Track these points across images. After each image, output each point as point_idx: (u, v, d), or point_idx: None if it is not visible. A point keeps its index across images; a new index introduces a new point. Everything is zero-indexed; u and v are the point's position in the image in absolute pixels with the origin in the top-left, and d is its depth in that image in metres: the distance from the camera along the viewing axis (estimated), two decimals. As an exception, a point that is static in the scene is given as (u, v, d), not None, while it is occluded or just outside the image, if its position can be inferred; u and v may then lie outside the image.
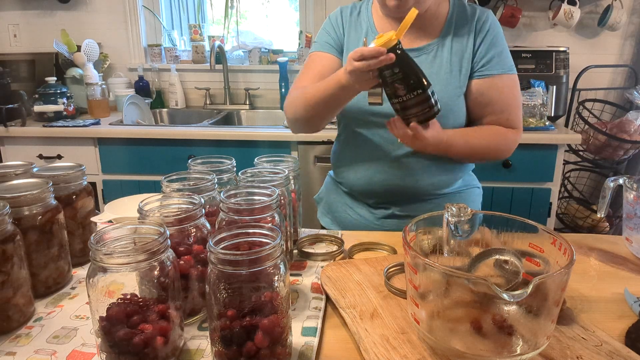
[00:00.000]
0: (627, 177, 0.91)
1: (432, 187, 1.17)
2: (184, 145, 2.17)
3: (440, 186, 1.18)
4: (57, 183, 0.83)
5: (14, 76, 2.62)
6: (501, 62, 1.13)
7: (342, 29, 1.22)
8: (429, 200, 1.19)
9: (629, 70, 2.57)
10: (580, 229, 2.48)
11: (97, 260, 0.56)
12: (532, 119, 2.15)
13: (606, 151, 2.34)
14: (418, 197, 1.18)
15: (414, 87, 0.90)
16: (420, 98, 0.90)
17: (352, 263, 0.86)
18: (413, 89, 0.90)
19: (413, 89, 0.90)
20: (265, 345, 0.56)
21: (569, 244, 0.59)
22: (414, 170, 1.14)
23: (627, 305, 0.76)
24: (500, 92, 1.12)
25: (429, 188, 1.17)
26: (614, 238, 1.03)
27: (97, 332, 0.58)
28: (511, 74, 1.14)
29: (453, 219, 0.70)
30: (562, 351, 0.62)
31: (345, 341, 0.68)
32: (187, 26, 2.92)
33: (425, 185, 1.16)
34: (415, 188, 1.16)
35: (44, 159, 2.28)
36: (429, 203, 1.19)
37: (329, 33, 1.22)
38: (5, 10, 2.76)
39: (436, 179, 1.16)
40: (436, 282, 0.60)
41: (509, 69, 1.14)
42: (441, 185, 1.18)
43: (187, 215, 0.68)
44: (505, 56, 1.14)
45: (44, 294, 0.79)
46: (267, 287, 0.57)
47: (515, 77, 1.15)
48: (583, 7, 2.46)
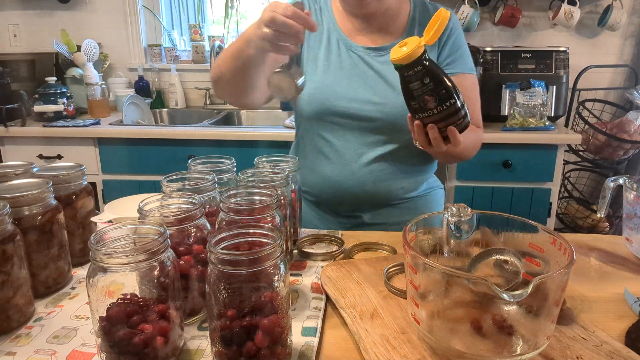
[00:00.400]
0: (627, 177, 0.91)
1: (402, 191, 1.16)
2: (184, 145, 2.17)
3: (409, 189, 1.18)
4: (57, 183, 0.83)
5: (14, 76, 2.62)
6: (464, 62, 1.13)
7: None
8: (397, 205, 1.18)
9: (629, 70, 2.57)
10: (580, 229, 2.48)
11: (97, 260, 0.56)
12: (532, 119, 2.15)
13: (606, 151, 2.34)
14: (388, 202, 1.17)
15: (445, 98, 0.80)
16: (452, 109, 0.81)
17: (352, 263, 0.86)
18: (445, 100, 0.80)
19: (445, 100, 0.80)
20: (265, 345, 0.56)
21: (569, 244, 0.59)
22: (384, 175, 1.13)
23: (627, 305, 0.76)
24: (465, 90, 1.10)
25: (399, 192, 1.16)
26: (614, 238, 1.03)
27: (97, 332, 0.58)
28: (473, 74, 1.15)
29: (453, 219, 0.70)
30: (562, 351, 0.62)
31: (345, 341, 0.68)
32: (187, 26, 2.92)
33: (396, 190, 1.15)
34: (386, 193, 1.15)
35: (44, 159, 2.28)
36: (398, 208, 1.18)
37: None
38: (5, 10, 2.76)
39: (405, 183, 1.16)
40: (436, 282, 0.60)
41: (471, 69, 1.14)
42: (410, 188, 1.17)
43: (187, 215, 0.68)
44: (467, 56, 1.14)
45: (44, 294, 0.79)
46: (267, 287, 0.57)
47: (475, 77, 1.16)
48: (583, 7, 2.46)
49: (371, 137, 1.12)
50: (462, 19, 2.41)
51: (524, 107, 2.17)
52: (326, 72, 1.12)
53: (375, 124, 1.10)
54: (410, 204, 1.19)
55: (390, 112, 1.09)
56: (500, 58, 2.28)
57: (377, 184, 1.13)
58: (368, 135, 1.12)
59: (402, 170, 1.14)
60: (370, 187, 1.13)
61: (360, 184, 1.12)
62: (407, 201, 1.19)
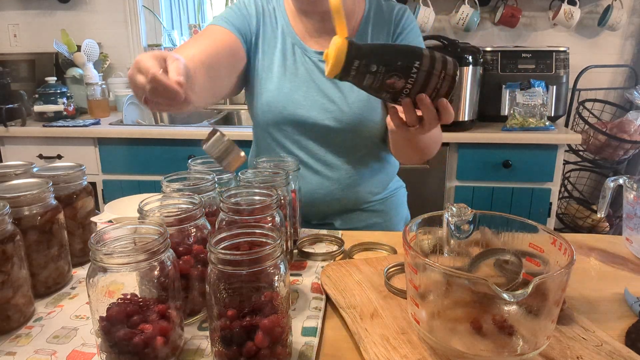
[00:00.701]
0: (627, 177, 0.91)
1: (370, 194, 1.16)
2: (184, 145, 2.16)
3: (377, 192, 1.18)
4: (57, 183, 0.83)
5: (14, 76, 2.62)
6: None
7: (255, 21, 1.09)
8: (367, 209, 1.18)
9: (629, 70, 2.57)
10: (580, 229, 2.48)
11: (97, 260, 0.56)
12: (532, 119, 2.15)
13: (606, 151, 2.34)
14: (357, 207, 1.17)
15: (406, 67, 0.67)
16: (424, 71, 0.68)
17: (352, 263, 0.86)
18: (409, 69, 0.67)
19: (408, 68, 0.67)
20: (265, 345, 0.56)
21: (569, 244, 0.59)
22: (352, 181, 1.12)
23: (627, 305, 0.76)
24: None
25: (368, 196, 1.16)
26: (614, 238, 1.03)
27: (97, 332, 0.58)
28: None
29: (453, 219, 0.70)
30: (562, 351, 0.62)
31: (345, 341, 0.68)
32: (187, 26, 2.91)
33: (364, 195, 1.15)
34: (355, 199, 1.14)
35: (44, 159, 2.28)
36: (367, 212, 1.18)
37: (239, 17, 1.07)
38: (5, 10, 2.76)
39: (372, 187, 1.16)
40: (436, 282, 0.60)
41: None
42: (377, 191, 1.18)
43: (187, 215, 0.68)
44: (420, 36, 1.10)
45: (44, 294, 0.79)
46: (267, 287, 0.57)
47: None
48: (583, 7, 2.46)
49: (333, 145, 1.10)
50: (462, 19, 2.42)
51: (524, 107, 2.17)
52: (282, 79, 1.09)
53: (335, 132, 1.09)
54: (378, 206, 1.20)
55: (349, 119, 1.07)
56: (500, 58, 2.28)
57: (345, 190, 1.13)
58: (330, 143, 1.10)
59: (368, 174, 1.14)
60: (339, 194, 1.13)
61: (329, 193, 1.12)
62: (375, 203, 1.19)
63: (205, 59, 0.94)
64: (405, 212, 1.29)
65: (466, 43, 2.22)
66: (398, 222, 1.24)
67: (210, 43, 0.98)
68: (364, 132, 1.09)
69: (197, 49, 0.94)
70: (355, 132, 1.09)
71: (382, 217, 1.21)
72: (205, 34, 1.03)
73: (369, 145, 1.13)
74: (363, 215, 1.18)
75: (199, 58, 0.93)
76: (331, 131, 1.09)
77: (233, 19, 1.06)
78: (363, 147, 1.12)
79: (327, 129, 1.08)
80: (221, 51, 0.98)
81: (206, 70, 0.92)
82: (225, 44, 1.01)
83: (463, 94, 2.11)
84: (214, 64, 0.95)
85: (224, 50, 1.00)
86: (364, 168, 1.13)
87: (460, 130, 2.14)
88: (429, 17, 2.39)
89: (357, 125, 1.07)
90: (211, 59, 0.95)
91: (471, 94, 2.13)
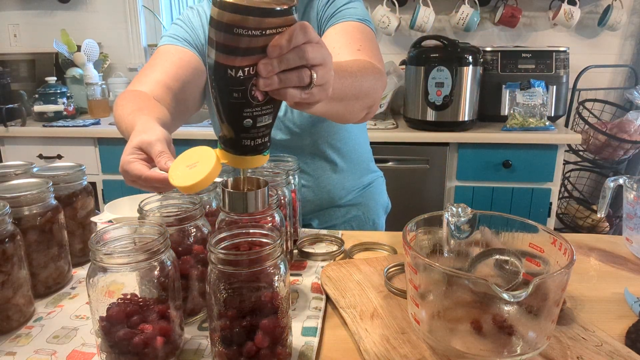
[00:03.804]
0: (627, 177, 0.91)
1: (345, 191, 1.17)
2: (184, 145, 2.15)
3: (351, 187, 1.18)
4: (57, 183, 0.83)
5: (14, 76, 2.62)
6: (342, 13, 0.99)
7: (202, 32, 1.06)
8: (343, 205, 1.19)
9: (629, 70, 2.57)
10: (580, 229, 2.48)
11: (97, 260, 0.56)
12: (532, 119, 2.15)
13: (606, 151, 2.34)
14: (333, 204, 1.17)
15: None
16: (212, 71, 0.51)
17: (352, 263, 0.86)
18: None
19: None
20: (265, 346, 0.56)
21: (569, 244, 0.59)
22: (322, 181, 1.13)
23: (627, 305, 0.76)
24: (342, 35, 0.95)
25: (342, 193, 1.17)
26: (614, 238, 1.03)
27: (97, 332, 0.58)
28: (356, 22, 0.97)
29: (453, 219, 0.70)
30: (562, 351, 0.62)
31: (345, 341, 0.68)
32: (187, 26, 2.91)
33: (338, 191, 1.16)
34: (328, 198, 1.15)
35: (44, 159, 2.28)
36: (344, 207, 1.19)
37: (187, 32, 1.04)
38: (5, 10, 2.76)
39: (345, 181, 1.16)
40: (436, 282, 0.60)
41: (354, 18, 0.98)
42: (351, 186, 1.18)
43: (187, 215, 0.68)
44: (351, 7, 1.00)
45: (44, 294, 0.79)
46: (267, 287, 0.57)
47: (362, 25, 0.97)
48: (583, 7, 2.46)
49: (294, 152, 1.10)
50: (462, 19, 2.41)
51: (524, 107, 2.17)
52: None
53: (292, 141, 1.10)
54: (355, 199, 1.20)
55: (301, 127, 1.08)
56: (500, 58, 2.28)
57: (316, 191, 1.14)
58: (290, 152, 1.09)
59: (338, 170, 1.15)
60: (311, 196, 1.14)
61: (302, 196, 1.12)
62: (352, 197, 1.19)
63: (170, 82, 0.94)
64: (385, 200, 1.29)
65: (466, 43, 2.22)
66: (378, 211, 1.25)
67: (170, 65, 0.97)
68: (319, 134, 1.10)
69: (160, 72, 0.94)
70: (311, 137, 1.10)
71: (360, 210, 1.21)
72: (162, 56, 1.00)
73: (328, 145, 1.13)
74: (340, 211, 1.18)
75: (164, 82, 0.92)
76: (288, 141, 1.10)
77: (182, 35, 1.04)
78: (325, 145, 1.12)
79: (284, 140, 1.10)
80: (184, 70, 0.97)
81: (174, 94, 0.92)
82: (184, 62, 0.99)
83: (463, 94, 2.11)
84: (179, 85, 0.95)
85: (186, 68, 0.98)
86: (331, 165, 1.14)
87: (460, 130, 2.14)
88: (429, 17, 2.39)
89: (310, 129, 1.08)
90: (175, 80, 0.95)
91: (471, 94, 2.13)
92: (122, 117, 0.82)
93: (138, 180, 0.65)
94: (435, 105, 2.12)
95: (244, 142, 0.55)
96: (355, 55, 0.90)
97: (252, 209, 0.61)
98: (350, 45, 0.92)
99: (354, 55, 0.90)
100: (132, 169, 0.64)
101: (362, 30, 0.96)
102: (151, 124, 0.71)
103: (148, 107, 0.83)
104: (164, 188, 0.65)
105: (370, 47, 0.94)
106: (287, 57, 0.49)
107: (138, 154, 0.66)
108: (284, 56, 0.49)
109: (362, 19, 0.98)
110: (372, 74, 0.83)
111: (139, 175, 0.64)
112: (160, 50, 1.02)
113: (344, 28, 0.96)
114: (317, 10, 1.03)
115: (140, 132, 0.69)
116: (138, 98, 0.87)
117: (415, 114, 2.19)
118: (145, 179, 0.64)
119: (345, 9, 1.00)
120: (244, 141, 0.55)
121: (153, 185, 0.64)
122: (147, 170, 0.64)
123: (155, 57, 1.00)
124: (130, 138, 0.68)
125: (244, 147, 0.55)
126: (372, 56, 0.91)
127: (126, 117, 0.80)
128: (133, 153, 0.66)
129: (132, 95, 0.88)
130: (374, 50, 0.94)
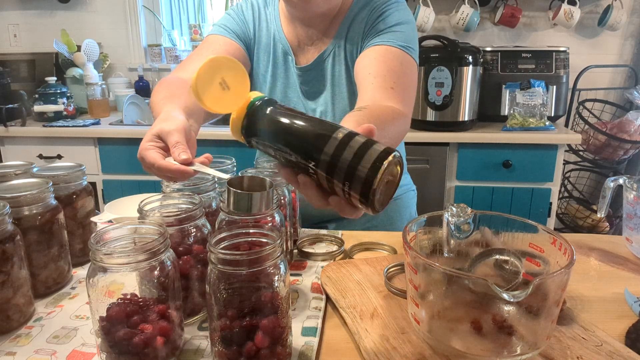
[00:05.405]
0: (627, 177, 0.91)
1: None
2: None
3: None
4: (57, 183, 0.83)
5: (14, 76, 2.62)
6: (387, 37, 0.95)
7: (252, 27, 1.07)
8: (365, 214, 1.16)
9: (629, 70, 2.57)
10: (580, 229, 2.48)
11: (97, 260, 0.56)
12: (532, 119, 2.15)
13: (606, 151, 2.34)
14: None
15: (301, 163, 0.52)
16: (325, 166, 0.49)
17: (352, 263, 0.86)
18: (304, 165, 0.51)
19: (302, 165, 0.51)
20: (265, 346, 0.56)
21: (569, 244, 0.59)
22: None
23: (627, 305, 0.76)
24: (377, 63, 0.92)
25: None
26: (614, 238, 1.03)
27: (97, 332, 0.58)
28: (396, 48, 0.94)
29: (453, 219, 0.70)
30: (562, 351, 0.62)
31: (345, 341, 0.68)
32: (187, 26, 2.91)
33: None
34: None
35: (44, 159, 2.28)
36: (363, 216, 1.13)
37: (237, 23, 1.06)
38: (5, 10, 2.76)
39: None
40: (436, 282, 0.60)
41: (394, 44, 0.95)
42: None
43: (187, 215, 0.68)
44: (398, 32, 0.96)
45: (44, 294, 0.78)
46: (267, 287, 0.57)
47: (402, 53, 0.94)
48: (583, 7, 2.46)
49: None
50: (462, 19, 2.42)
51: (524, 107, 2.17)
52: (272, 89, 1.08)
53: None
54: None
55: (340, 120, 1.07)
56: (500, 58, 2.28)
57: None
58: None
59: None
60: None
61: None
62: None
63: None
64: (413, 216, 1.23)
65: (466, 43, 2.22)
66: (399, 227, 1.19)
67: (214, 54, 0.98)
68: None
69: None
70: None
71: (381, 222, 1.17)
72: (208, 45, 1.02)
73: None
74: (361, 219, 1.15)
75: None
76: None
77: (232, 26, 1.05)
78: None
79: None
80: None
81: None
82: (230, 53, 1.00)
83: (463, 94, 2.11)
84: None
85: None
86: None
87: (460, 130, 2.14)
88: (429, 17, 2.39)
89: None
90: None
91: (471, 94, 2.13)
92: (154, 103, 0.86)
93: (152, 168, 0.67)
94: (435, 105, 2.12)
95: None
96: (387, 93, 0.88)
97: (256, 209, 0.62)
98: (385, 80, 0.90)
99: (386, 94, 0.88)
100: (148, 156, 0.67)
101: (402, 61, 0.94)
102: (174, 113, 0.73)
103: (180, 95, 0.84)
104: (176, 178, 0.67)
105: (403, 87, 0.92)
106: None
107: (156, 142, 0.69)
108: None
109: (405, 47, 0.96)
110: (399, 126, 0.83)
111: (152, 163, 0.66)
112: (208, 39, 1.03)
113: (384, 55, 0.93)
114: (367, 22, 1.01)
115: (161, 120, 0.72)
116: (173, 85, 0.89)
117: (415, 114, 2.19)
118: (158, 168, 0.66)
119: (393, 32, 0.97)
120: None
121: (165, 174, 0.66)
122: (161, 160, 0.67)
123: (201, 46, 1.03)
124: (153, 125, 0.71)
125: None
126: (403, 98, 0.90)
127: (157, 103, 0.83)
128: (151, 140, 0.69)
129: (169, 82, 0.91)
130: (406, 90, 0.93)
